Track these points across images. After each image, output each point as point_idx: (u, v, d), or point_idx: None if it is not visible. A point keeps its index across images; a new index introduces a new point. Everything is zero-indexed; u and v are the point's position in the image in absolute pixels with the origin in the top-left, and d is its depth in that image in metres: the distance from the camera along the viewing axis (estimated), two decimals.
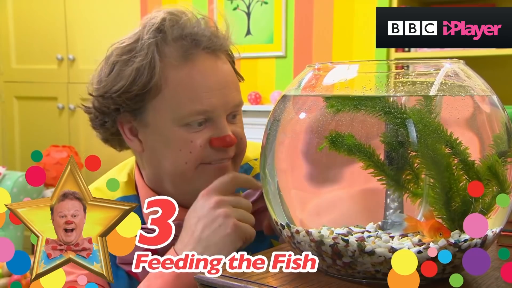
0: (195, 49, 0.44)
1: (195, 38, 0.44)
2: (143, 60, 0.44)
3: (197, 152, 0.45)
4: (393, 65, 0.37)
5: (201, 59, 0.45)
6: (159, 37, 0.44)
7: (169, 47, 0.44)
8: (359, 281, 0.33)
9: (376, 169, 0.33)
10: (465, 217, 0.32)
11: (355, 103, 0.33)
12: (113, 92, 0.45)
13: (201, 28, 0.45)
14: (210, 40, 0.45)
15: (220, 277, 0.34)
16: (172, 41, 0.44)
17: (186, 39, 0.44)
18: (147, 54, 0.44)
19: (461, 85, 0.35)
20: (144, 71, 0.44)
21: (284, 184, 0.37)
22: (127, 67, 0.44)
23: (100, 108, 0.47)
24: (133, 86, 0.44)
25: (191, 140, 0.44)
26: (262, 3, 1.77)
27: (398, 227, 0.33)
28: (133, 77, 0.44)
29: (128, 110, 0.46)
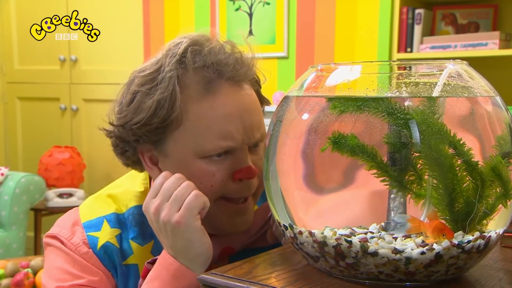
0: (218, 81, 0.43)
1: (217, 68, 0.43)
2: (163, 93, 0.43)
3: (218, 186, 0.44)
4: (396, 66, 0.37)
5: (224, 91, 0.43)
6: (181, 68, 0.43)
7: (190, 79, 0.43)
8: (362, 282, 0.33)
9: (379, 170, 0.33)
10: (469, 218, 0.31)
11: (358, 104, 0.33)
12: (134, 124, 0.44)
13: (225, 56, 0.44)
14: (233, 69, 0.44)
15: (223, 277, 0.34)
16: (193, 72, 0.43)
17: (208, 70, 0.43)
18: (168, 86, 0.43)
19: (464, 86, 0.35)
20: (165, 103, 0.43)
21: (287, 185, 0.37)
22: (147, 99, 0.43)
23: (121, 137, 0.46)
24: (154, 118, 0.43)
25: (213, 174, 0.44)
26: (264, 4, 1.77)
27: (401, 228, 0.33)
28: (154, 110, 0.43)
29: (148, 141, 0.45)
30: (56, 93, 2.21)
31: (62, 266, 0.48)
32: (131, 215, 0.49)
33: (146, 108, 0.43)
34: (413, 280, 0.33)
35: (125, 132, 0.45)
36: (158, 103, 0.43)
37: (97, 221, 0.49)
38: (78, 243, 0.48)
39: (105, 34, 2.15)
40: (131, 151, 0.48)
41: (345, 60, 1.62)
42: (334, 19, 1.65)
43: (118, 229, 0.49)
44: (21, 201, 1.81)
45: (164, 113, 0.43)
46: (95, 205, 0.50)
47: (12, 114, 2.31)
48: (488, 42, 1.36)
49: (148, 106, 0.43)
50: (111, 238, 0.48)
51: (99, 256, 0.48)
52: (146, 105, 0.43)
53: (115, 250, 0.48)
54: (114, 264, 0.48)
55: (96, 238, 0.48)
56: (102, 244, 0.48)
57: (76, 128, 2.19)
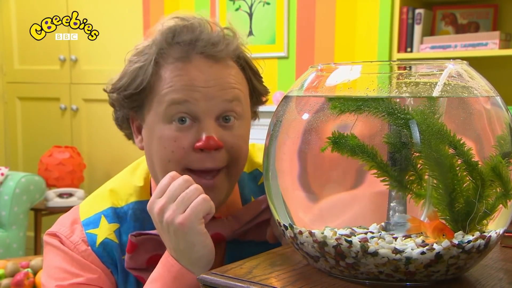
0: (191, 53, 0.46)
1: (195, 43, 0.46)
2: (143, 62, 0.46)
3: (179, 153, 0.45)
4: (396, 66, 0.37)
5: (195, 62, 0.46)
6: (165, 43, 0.46)
7: (169, 52, 0.46)
8: (362, 282, 0.33)
9: (379, 170, 0.33)
10: (469, 218, 0.31)
11: (358, 104, 0.33)
12: (117, 89, 0.48)
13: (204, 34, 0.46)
14: (208, 44, 0.46)
15: (223, 277, 0.34)
16: (173, 45, 0.46)
17: (186, 44, 0.46)
18: (149, 57, 0.46)
19: (465, 86, 0.35)
20: (141, 71, 0.46)
21: (287, 184, 0.37)
22: (130, 67, 0.47)
23: (113, 104, 0.50)
24: (132, 84, 0.46)
25: (175, 140, 0.45)
26: (264, 3, 1.77)
27: (402, 228, 0.33)
28: (133, 76, 0.46)
29: (131, 108, 0.48)
30: (56, 93, 2.21)
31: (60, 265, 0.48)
32: (131, 210, 0.49)
33: (127, 74, 0.47)
34: (413, 280, 0.33)
35: (114, 98, 0.48)
36: (137, 70, 0.46)
37: (95, 217, 0.49)
38: (77, 241, 0.48)
39: (105, 34, 2.15)
40: (126, 123, 0.50)
41: (345, 60, 1.62)
42: (334, 19, 1.65)
43: (117, 224, 0.49)
44: (21, 201, 1.81)
45: (139, 80, 0.46)
46: (93, 202, 0.51)
47: (12, 114, 2.31)
48: (488, 42, 1.36)
49: (129, 73, 0.47)
50: (110, 234, 0.48)
51: (98, 254, 0.48)
52: (128, 72, 0.47)
53: (114, 246, 0.48)
54: (114, 260, 0.48)
55: (95, 235, 0.48)
56: (101, 241, 0.48)
57: (76, 128, 2.19)
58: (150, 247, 0.47)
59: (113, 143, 2.09)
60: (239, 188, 0.52)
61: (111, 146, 2.09)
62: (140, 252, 0.47)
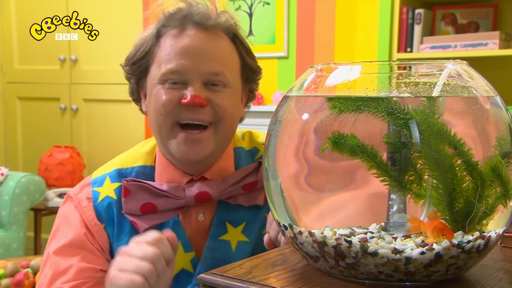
0: (186, 22, 0.54)
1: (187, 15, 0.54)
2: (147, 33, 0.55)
3: (169, 107, 0.52)
4: (396, 66, 0.37)
5: (188, 29, 0.54)
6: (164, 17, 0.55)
7: (168, 23, 0.54)
8: (362, 282, 0.33)
9: (379, 170, 0.33)
10: (468, 218, 0.31)
11: (358, 104, 0.33)
12: (128, 59, 0.56)
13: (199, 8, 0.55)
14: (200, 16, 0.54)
15: (223, 277, 0.34)
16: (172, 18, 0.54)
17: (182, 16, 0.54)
18: (152, 29, 0.55)
19: (464, 86, 0.35)
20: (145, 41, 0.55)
21: (287, 185, 0.37)
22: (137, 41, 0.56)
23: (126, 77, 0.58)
24: (137, 52, 0.55)
25: (165, 95, 0.53)
26: (264, 3, 1.77)
27: (401, 228, 0.33)
28: (139, 46, 0.55)
29: (136, 74, 0.56)
30: (56, 93, 2.21)
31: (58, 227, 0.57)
32: (135, 172, 0.57)
33: (135, 45, 0.56)
34: (413, 280, 0.33)
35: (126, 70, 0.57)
36: (142, 40, 0.55)
37: (101, 178, 0.57)
38: (82, 199, 0.56)
39: (105, 34, 2.15)
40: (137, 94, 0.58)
41: (345, 60, 1.62)
42: (334, 19, 1.65)
43: (118, 183, 0.56)
44: (21, 201, 1.81)
45: (143, 47, 0.55)
46: (104, 166, 0.59)
47: (12, 114, 2.31)
48: (488, 42, 1.36)
49: (136, 44, 0.56)
50: (110, 192, 0.56)
51: (97, 208, 0.55)
52: (135, 45, 0.56)
53: (112, 201, 0.55)
54: (111, 214, 0.55)
55: (98, 193, 0.56)
56: (102, 198, 0.56)
57: (76, 128, 2.19)
58: (143, 195, 0.54)
59: (113, 143, 2.09)
60: (235, 161, 0.59)
61: (111, 146, 2.09)
62: (134, 198, 0.54)
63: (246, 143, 0.60)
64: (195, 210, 0.56)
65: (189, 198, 0.54)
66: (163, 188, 0.54)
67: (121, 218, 0.55)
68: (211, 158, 0.55)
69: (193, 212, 0.56)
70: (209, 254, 0.55)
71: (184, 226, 0.56)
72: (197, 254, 0.56)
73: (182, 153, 0.53)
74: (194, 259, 0.55)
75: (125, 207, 0.54)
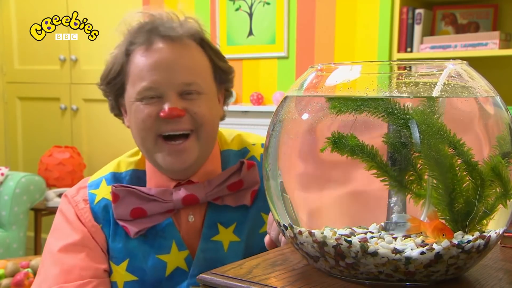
0: (152, 36, 0.55)
1: (152, 29, 0.55)
2: (118, 52, 0.57)
3: (149, 121, 0.55)
4: (396, 66, 0.37)
5: (156, 43, 0.55)
6: (134, 33, 0.57)
7: (137, 40, 0.56)
8: (362, 282, 0.33)
9: (379, 170, 0.33)
10: (468, 218, 0.31)
11: (358, 104, 0.33)
12: (102, 79, 0.58)
13: (162, 20, 0.56)
14: (165, 28, 0.55)
15: (223, 277, 0.34)
16: (138, 34, 0.56)
17: (148, 31, 0.56)
18: (121, 47, 0.57)
19: (464, 86, 0.35)
20: (116, 59, 0.57)
21: (287, 185, 0.37)
22: (110, 58, 0.58)
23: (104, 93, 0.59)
24: (111, 71, 0.57)
25: (144, 111, 0.55)
26: (264, 3, 1.77)
27: (401, 228, 0.33)
28: (111, 65, 0.57)
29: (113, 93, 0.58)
30: (56, 93, 2.21)
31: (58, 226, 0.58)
32: (128, 176, 0.59)
33: (107, 65, 0.58)
34: (413, 280, 0.33)
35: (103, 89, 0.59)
36: (113, 59, 0.57)
37: (98, 180, 0.60)
38: (79, 201, 0.58)
39: (105, 34, 2.14)
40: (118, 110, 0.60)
41: (345, 60, 1.62)
42: (334, 19, 1.65)
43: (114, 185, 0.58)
44: (21, 201, 1.81)
45: (115, 66, 0.56)
46: (101, 170, 0.61)
47: (12, 114, 2.31)
48: (488, 42, 1.36)
49: (108, 63, 0.58)
50: (107, 194, 0.58)
51: (94, 210, 0.57)
52: (107, 63, 0.58)
53: (109, 203, 0.57)
54: (107, 216, 0.57)
55: (95, 195, 0.58)
56: (99, 200, 0.57)
57: (76, 128, 2.19)
58: (132, 200, 0.56)
59: (113, 143, 2.09)
60: (222, 164, 0.60)
61: (111, 146, 2.10)
62: (124, 203, 0.56)
63: (235, 145, 0.62)
64: (185, 212, 0.58)
65: (177, 201, 0.56)
66: (151, 192, 0.56)
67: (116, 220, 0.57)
68: (196, 163, 0.57)
69: (183, 214, 0.58)
70: (202, 255, 0.57)
71: (177, 227, 0.58)
72: (191, 253, 0.57)
73: (169, 164, 0.55)
74: (188, 257, 0.57)
75: (115, 212, 0.56)
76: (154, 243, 0.56)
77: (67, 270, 0.54)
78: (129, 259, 0.56)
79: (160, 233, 0.56)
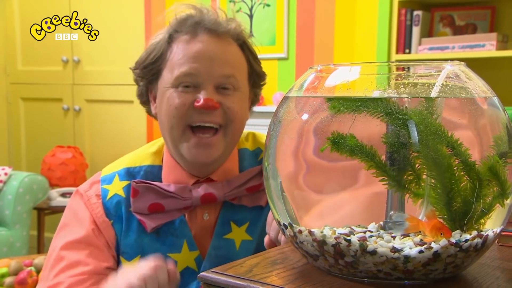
0: (198, 28, 0.56)
1: (199, 21, 0.56)
2: (158, 38, 0.57)
3: (182, 109, 0.54)
4: (395, 67, 0.38)
5: (200, 35, 0.56)
6: (177, 22, 0.57)
7: (180, 28, 0.56)
8: (361, 280, 0.34)
9: (378, 169, 0.33)
10: (466, 217, 0.32)
11: (357, 104, 0.34)
12: (139, 63, 0.58)
13: (210, 15, 0.57)
14: (212, 23, 0.56)
15: (224, 276, 0.34)
16: (184, 24, 0.57)
17: (194, 23, 0.56)
18: (164, 34, 0.57)
19: (462, 87, 0.35)
20: (157, 45, 0.57)
21: (287, 184, 0.37)
22: (149, 45, 0.58)
23: (135, 80, 0.59)
24: (149, 57, 0.57)
25: (179, 98, 0.55)
26: (264, 5, 1.78)
27: (400, 227, 0.33)
28: (151, 50, 0.57)
29: (147, 78, 0.57)
30: (59, 93, 2.22)
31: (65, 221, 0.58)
32: (143, 171, 0.59)
33: (146, 50, 0.57)
34: (411, 278, 0.33)
35: (136, 73, 0.58)
36: (154, 45, 0.57)
37: (111, 176, 0.59)
38: (91, 195, 0.58)
39: (107, 35, 2.16)
40: (145, 97, 0.59)
41: (344, 61, 1.62)
42: (333, 20, 1.65)
43: (127, 181, 0.58)
44: (24, 200, 1.82)
45: (155, 52, 0.56)
46: (114, 164, 0.61)
47: (15, 114, 2.33)
48: (485, 44, 1.37)
49: (148, 49, 0.57)
50: (119, 190, 0.58)
51: (106, 205, 0.57)
52: (147, 49, 0.58)
53: (121, 199, 0.57)
54: (119, 212, 0.57)
55: (107, 190, 0.58)
56: (111, 196, 0.57)
57: (79, 128, 2.20)
58: (151, 196, 0.56)
59: (115, 143, 2.10)
60: (239, 161, 0.61)
61: (113, 146, 2.10)
62: (142, 198, 0.56)
63: (250, 144, 0.62)
64: (200, 210, 0.58)
65: (195, 199, 0.56)
66: (170, 189, 0.56)
67: (129, 215, 0.57)
68: (219, 160, 0.57)
69: (199, 212, 0.58)
70: (213, 252, 0.57)
71: (190, 225, 0.58)
72: (201, 253, 0.57)
73: (193, 156, 0.55)
74: (198, 258, 0.57)
75: (133, 206, 0.56)
76: (166, 241, 0.56)
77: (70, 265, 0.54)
78: (140, 256, 0.56)
79: (172, 231, 0.57)
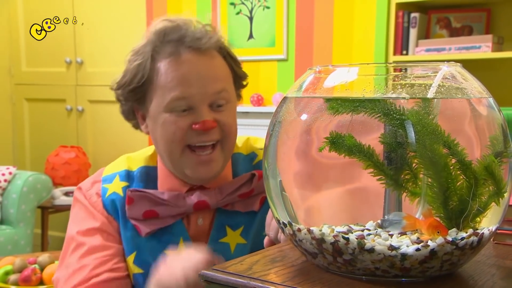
0: (181, 48, 0.55)
1: (180, 39, 0.55)
2: (141, 59, 0.56)
3: (180, 133, 0.55)
4: (392, 68, 0.38)
5: (184, 54, 0.55)
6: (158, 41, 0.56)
7: (162, 49, 0.55)
8: (359, 278, 0.34)
9: (375, 169, 0.34)
10: (462, 216, 0.32)
11: (355, 105, 0.34)
12: (122, 85, 0.57)
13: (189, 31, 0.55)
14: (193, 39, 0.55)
15: (224, 273, 0.35)
16: (165, 43, 0.55)
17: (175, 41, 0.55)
18: (146, 54, 0.56)
19: (458, 88, 0.36)
20: (141, 67, 0.55)
21: (286, 183, 0.38)
22: (131, 65, 0.56)
23: (118, 99, 0.59)
24: (134, 79, 0.56)
25: (175, 124, 0.55)
26: (264, 7, 1.78)
27: (397, 225, 0.34)
28: (134, 73, 0.56)
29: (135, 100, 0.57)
30: (62, 94, 2.24)
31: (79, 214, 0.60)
32: (139, 173, 0.60)
33: (129, 71, 0.56)
34: (409, 276, 0.33)
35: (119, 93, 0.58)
36: (137, 66, 0.56)
37: (112, 176, 0.61)
38: (92, 194, 0.60)
39: (110, 36, 2.17)
40: (131, 114, 0.60)
41: (342, 62, 1.63)
42: (332, 22, 1.66)
43: (126, 182, 0.60)
44: (28, 199, 1.84)
45: (140, 74, 0.55)
46: (114, 164, 0.63)
47: (20, 115, 2.35)
48: (481, 45, 1.37)
49: (131, 70, 0.56)
50: (118, 189, 0.59)
51: (105, 203, 0.59)
52: (129, 70, 0.56)
53: (119, 198, 0.59)
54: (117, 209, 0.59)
55: (107, 189, 0.60)
56: (110, 194, 0.59)
57: (82, 128, 2.22)
58: (145, 203, 0.57)
59: (118, 143, 2.11)
60: (232, 166, 0.62)
61: (115, 145, 2.12)
62: (137, 205, 0.57)
63: (244, 149, 0.63)
64: (194, 216, 0.60)
65: (189, 206, 0.58)
66: (164, 197, 0.58)
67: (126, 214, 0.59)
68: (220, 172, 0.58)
69: (193, 217, 0.60)
70: None
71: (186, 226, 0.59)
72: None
73: (196, 174, 0.57)
74: None
75: (128, 213, 0.58)
76: (162, 238, 0.58)
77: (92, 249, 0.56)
78: (136, 252, 0.57)
79: (169, 229, 0.58)
